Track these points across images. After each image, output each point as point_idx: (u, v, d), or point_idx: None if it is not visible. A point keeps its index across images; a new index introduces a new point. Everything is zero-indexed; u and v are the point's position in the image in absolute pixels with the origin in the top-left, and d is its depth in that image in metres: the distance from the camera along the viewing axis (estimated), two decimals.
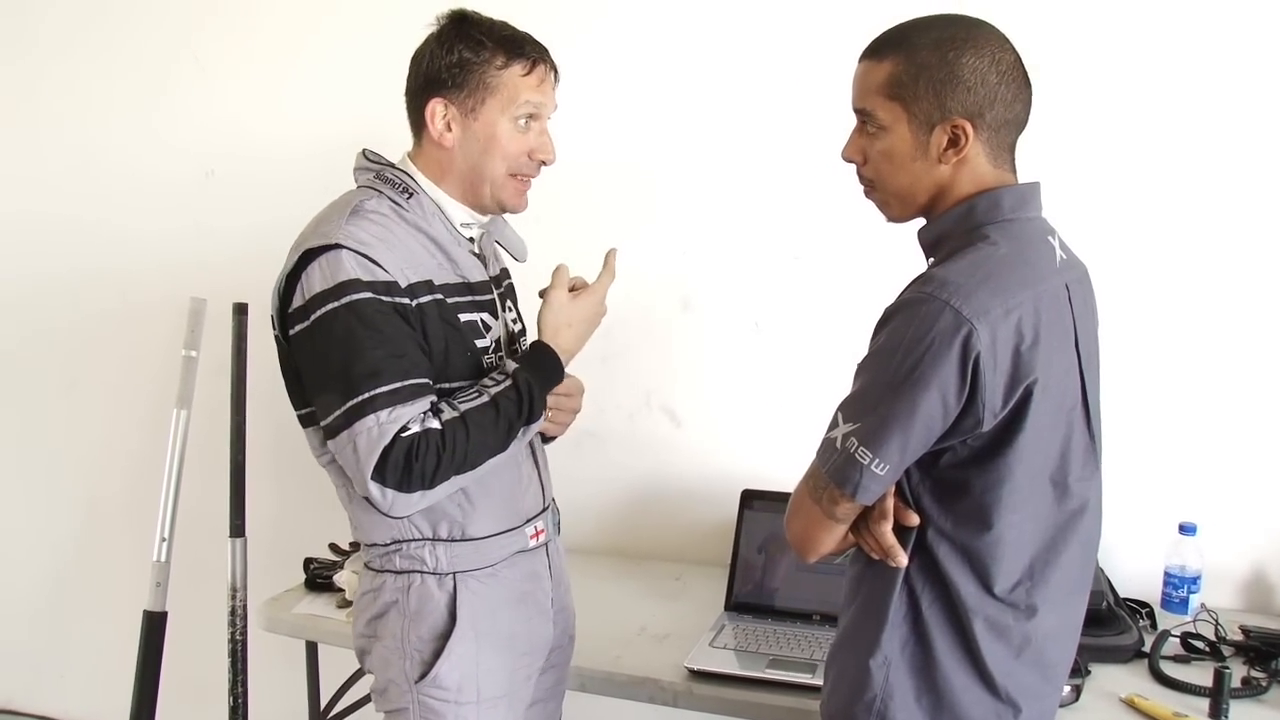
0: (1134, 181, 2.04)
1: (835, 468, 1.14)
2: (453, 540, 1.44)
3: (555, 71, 1.45)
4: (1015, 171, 1.23)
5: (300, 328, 1.34)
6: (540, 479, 1.56)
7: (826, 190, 1.99)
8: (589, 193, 2.27)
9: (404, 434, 1.28)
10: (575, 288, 1.48)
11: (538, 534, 1.53)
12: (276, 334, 1.42)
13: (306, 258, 1.33)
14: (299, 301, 1.34)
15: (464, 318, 1.43)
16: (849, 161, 1.27)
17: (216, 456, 2.30)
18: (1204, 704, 1.61)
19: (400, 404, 1.29)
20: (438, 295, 1.39)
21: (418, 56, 1.43)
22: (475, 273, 1.48)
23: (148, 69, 2.69)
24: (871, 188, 1.27)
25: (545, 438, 1.63)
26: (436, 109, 1.41)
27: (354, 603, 1.56)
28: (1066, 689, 1.58)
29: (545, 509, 1.56)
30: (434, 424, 1.30)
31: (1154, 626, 1.91)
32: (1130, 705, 1.63)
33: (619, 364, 2.32)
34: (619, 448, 2.41)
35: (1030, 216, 1.21)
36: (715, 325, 2.33)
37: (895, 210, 1.26)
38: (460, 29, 1.40)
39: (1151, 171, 2.03)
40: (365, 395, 1.28)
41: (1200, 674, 1.69)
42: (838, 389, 1.19)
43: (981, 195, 1.19)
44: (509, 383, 1.37)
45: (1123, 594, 1.96)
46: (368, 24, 2.46)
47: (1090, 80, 2.02)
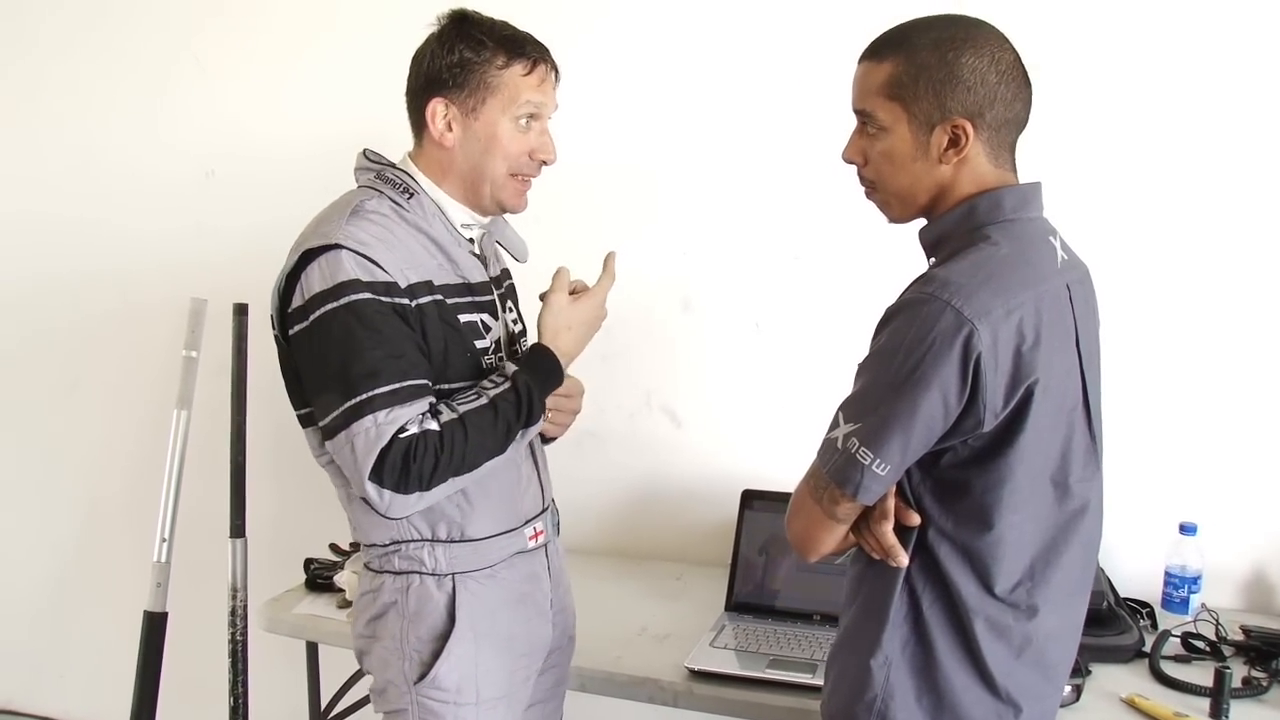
0: (1135, 182, 2.04)
1: (836, 468, 1.14)
2: (451, 541, 1.44)
3: (556, 71, 1.45)
4: (1016, 171, 1.23)
5: (299, 328, 1.34)
6: (540, 480, 1.56)
7: (826, 191, 1.99)
8: (589, 193, 2.27)
9: (402, 435, 1.28)
10: (575, 291, 1.48)
11: (536, 535, 1.53)
12: (276, 334, 1.42)
13: (306, 258, 1.33)
14: (298, 301, 1.34)
15: (464, 318, 1.43)
16: (849, 163, 1.27)
17: (217, 457, 2.30)
18: (1205, 704, 1.61)
19: (399, 405, 1.29)
20: (437, 296, 1.39)
21: (418, 56, 1.43)
22: (475, 273, 1.48)
23: (148, 69, 2.69)
24: (872, 189, 1.27)
25: (545, 438, 1.63)
26: (437, 109, 1.40)
27: (353, 603, 1.56)
28: (1067, 689, 1.58)
29: (544, 510, 1.56)
30: (432, 425, 1.30)
31: (1154, 626, 1.91)
32: (1131, 705, 1.63)
33: (619, 364, 2.32)
34: (619, 448, 2.41)
35: (1031, 217, 1.21)
36: (716, 325, 2.33)
37: (896, 211, 1.26)
38: (461, 29, 1.40)
39: (1152, 172, 2.03)
40: (364, 396, 1.28)
41: (1201, 674, 1.70)
42: (838, 389, 1.19)
43: (983, 195, 1.19)
44: (508, 385, 1.37)
45: (1123, 594, 1.95)
46: (368, 24, 2.46)
47: (1090, 80, 2.02)
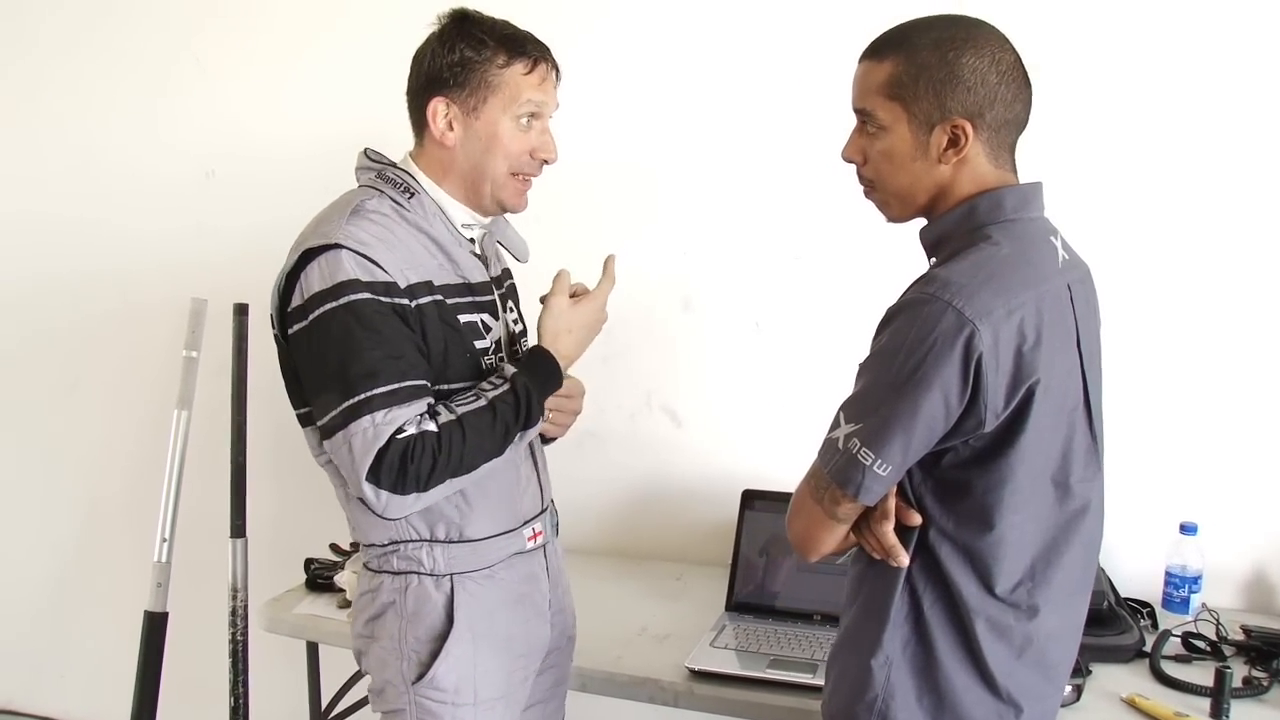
0: (1135, 182, 2.04)
1: (837, 468, 1.14)
2: (450, 542, 1.44)
3: (557, 70, 1.45)
4: (1016, 172, 1.23)
5: (298, 327, 1.34)
6: (539, 481, 1.56)
7: (827, 190, 1.99)
8: (590, 193, 2.27)
9: (400, 436, 1.28)
10: (576, 294, 1.48)
11: (535, 536, 1.53)
12: (276, 333, 1.42)
13: (306, 257, 1.33)
14: (298, 301, 1.34)
15: (464, 319, 1.43)
16: (849, 162, 1.27)
17: (217, 457, 2.30)
18: (1205, 704, 1.61)
19: (397, 405, 1.29)
20: (437, 296, 1.39)
21: (419, 56, 1.43)
22: (476, 273, 1.48)
23: (149, 70, 2.69)
24: (871, 188, 1.26)
25: (546, 439, 1.62)
26: (438, 108, 1.40)
27: (352, 603, 1.56)
28: (1067, 689, 1.58)
29: (543, 511, 1.56)
30: (430, 426, 1.30)
31: (1155, 626, 1.91)
32: (1131, 705, 1.63)
33: (620, 364, 2.32)
34: (620, 448, 2.41)
35: (1032, 217, 1.21)
36: (716, 325, 2.33)
37: (895, 210, 1.26)
38: (462, 28, 1.40)
39: (1153, 172, 2.03)
40: (362, 396, 1.28)
41: (1201, 674, 1.69)
42: (839, 389, 1.19)
43: (983, 195, 1.19)
44: (507, 387, 1.36)
45: (1124, 594, 1.95)
46: (368, 24, 2.46)
47: (1090, 80, 2.02)
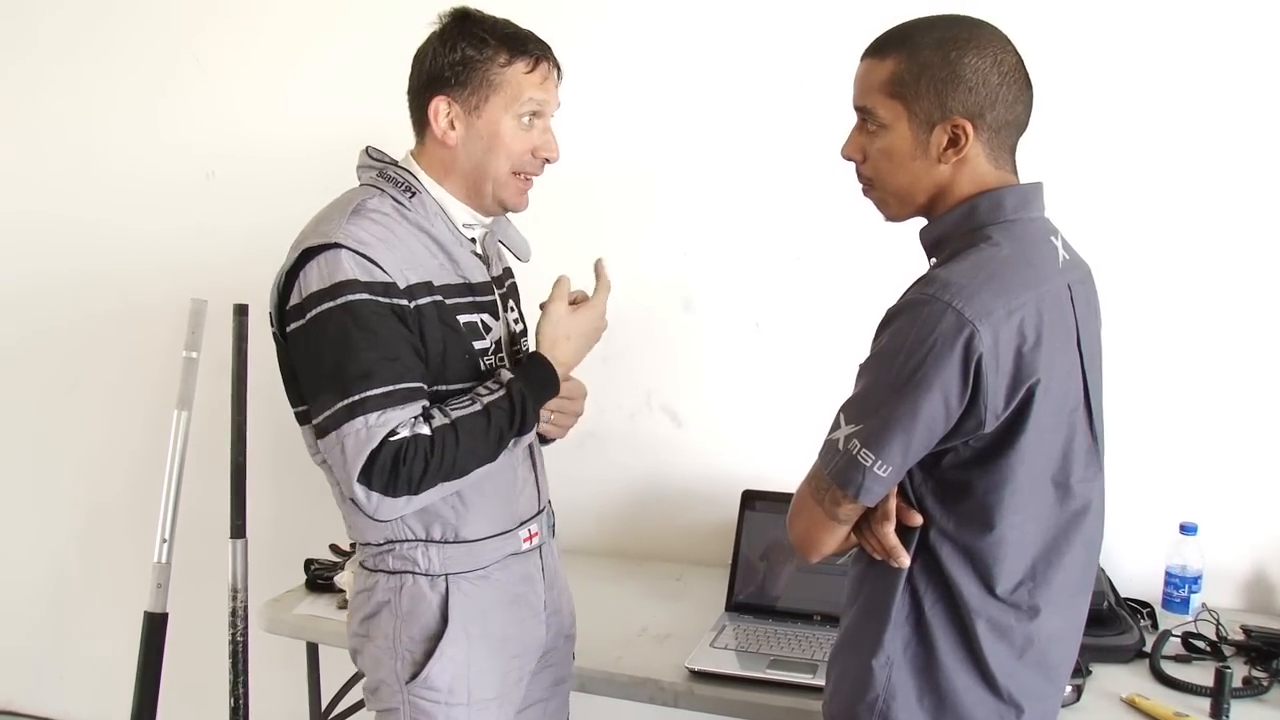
0: (1135, 182, 2.04)
1: (837, 469, 1.14)
2: (446, 542, 1.43)
3: (558, 69, 1.45)
4: (1016, 173, 1.23)
5: (296, 325, 1.34)
6: (536, 482, 1.56)
7: (827, 190, 1.99)
8: (590, 193, 2.27)
9: (392, 438, 1.27)
10: (576, 301, 1.48)
11: (531, 537, 1.53)
12: (274, 331, 1.42)
13: (306, 256, 1.33)
14: (296, 300, 1.34)
15: (463, 319, 1.43)
16: (848, 159, 1.27)
17: (217, 457, 2.30)
18: (1205, 704, 1.61)
19: (391, 407, 1.29)
20: (437, 296, 1.39)
21: (420, 55, 1.43)
22: (477, 273, 1.48)
23: (149, 70, 2.69)
24: (870, 186, 1.26)
25: (546, 440, 1.62)
26: (440, 107, 1.40)
27: (349, 602, 1.56)
28: (1068, 689, 1.58)
29: (540, 512, 1.56)
30: (424, 429, 1.30)
31: (1155, 626, 1.91)
32: (1131, 705, 1.63)
33: (620, 364, 2.31)
34: (620, 448, 2.41)
35: (1033, 217, 1.21)
36: (716, 325, 2.33)
37: (893, 209, 1.26)
38: (463, 27, 1.40)
39: (1153, 172, 2.03)
40: (356, 397, 1.28)
41: (1201, 674, 1.70)
42: (839, 389, 1.19)
43: (984, 195, 1.19)
44: (502, 393, 1.36)
45: (1124, 594, 1.95)
46: (369, 24, 2.46)
47: (1090, 80, 2.02)
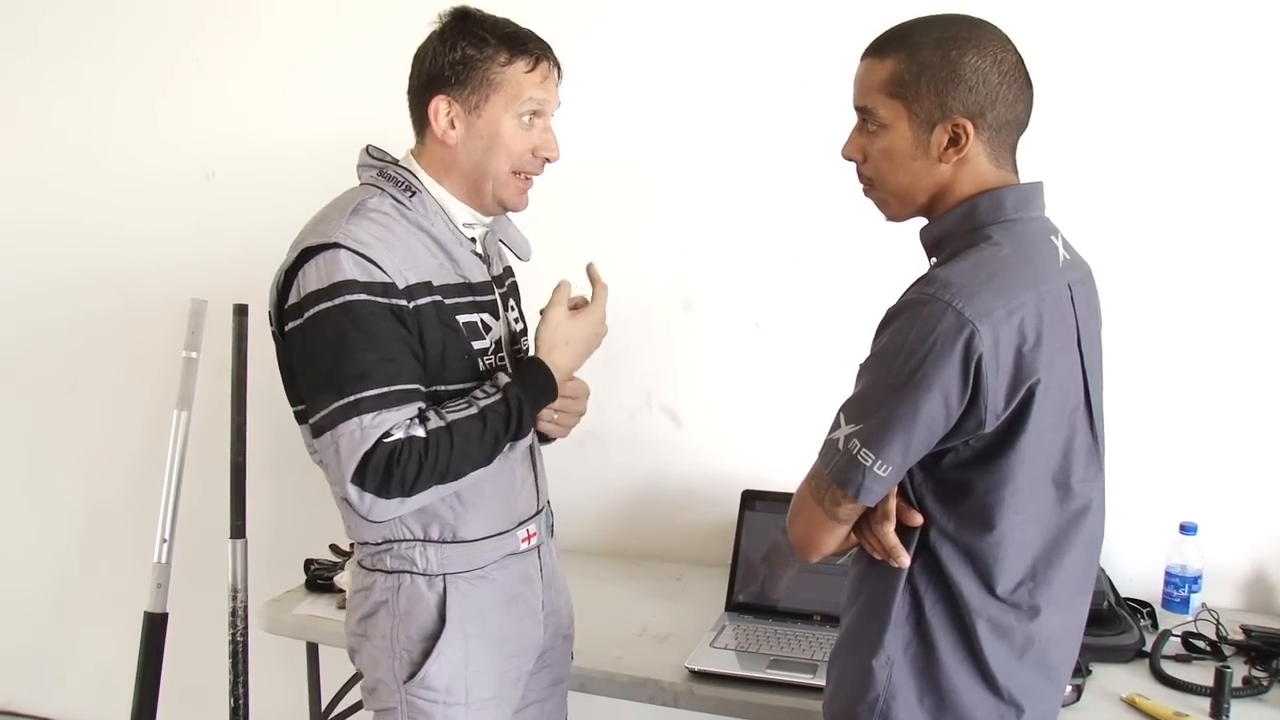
0: (1135, 182, 2.04)
1: (837, 469, 1.14)
2: (444, 542, 1.43)
3: (558, 68, 1.45)
4: (1017, 172, 1.23)
5: (294, 325, 1.34)
6: (535, 482, 1.56)
7: (827, 190, 1.99)
8: (590, 193, 2.27)
9: (387, 440, 1.27)
10: (576, 306, 1.48)
11: (529, 537, 1.52)
12: (273, 330, 1.42)
13: (305, 255, 1.33)
14: (294, 299, 1.34)
15: (463, 319, 1.43)
16: (849, 159, 1.27)
17: (217, 457, 2.30)
18: (1205, 704, 1.61)
19: (386, 409, 1.29)
20: (436, 296, 1.39)
21: (420, 54, 1.43)
22: (477, 273, 1.48)
23: (148, 70, 2.69)
24: (870, 186, 1.26)
25: (547, 439, 1.62)
26: (440, 106, 1.40)
27: (347, 601, 1.55)
28: (1068, 689, 1.58)
29: (539, 512, 1.56)
30: (419, 431, 1.30)
31: (1155, 626, 1.91)
32: (1131, 705, 1.63)
33: (620, 364, 2.31)
34: (620, 448, 2.41)
35: (1033, 216, 1.21)
36: (716, 325, 2.33)
37: (894, 209, 1.26)
38: (463, 26, 1.40)
39: (1153, 172, 2.03)
40: (351, 398, 1.28)
41: (1201, 674, 1.70)
42: (839, 389, 1.19)
43: (984, 195, 1.19)
44: (499, 396, 1.36)
45: (1124, 594, 1.95)
46: (369, 23, 2.46)
47: (1090, 80, 2.02)
